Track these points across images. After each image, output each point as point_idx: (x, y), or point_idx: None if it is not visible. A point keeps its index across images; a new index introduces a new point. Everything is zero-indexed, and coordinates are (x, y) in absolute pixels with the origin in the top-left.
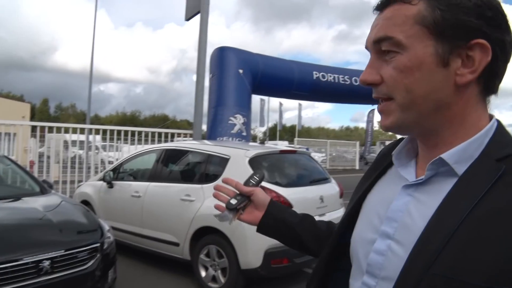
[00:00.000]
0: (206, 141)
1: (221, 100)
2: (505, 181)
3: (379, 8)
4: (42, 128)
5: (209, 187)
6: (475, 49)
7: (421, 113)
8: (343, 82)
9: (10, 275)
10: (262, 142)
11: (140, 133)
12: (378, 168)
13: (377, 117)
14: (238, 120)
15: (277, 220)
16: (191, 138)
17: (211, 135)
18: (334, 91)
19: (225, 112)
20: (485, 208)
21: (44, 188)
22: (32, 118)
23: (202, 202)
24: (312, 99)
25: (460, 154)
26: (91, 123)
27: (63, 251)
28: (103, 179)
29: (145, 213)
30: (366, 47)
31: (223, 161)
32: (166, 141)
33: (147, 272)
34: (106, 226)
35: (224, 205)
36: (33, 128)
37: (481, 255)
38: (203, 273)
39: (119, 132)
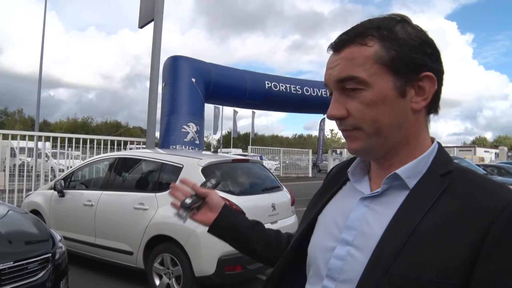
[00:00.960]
0: (159, 150)
1: (174, 108)
2: (448, 194)
3: (336, 49)
4: None
5: (162, 196)
6: (425, 80)
7: (387, 138)
8: (294, 91)
9: None
10: (215, 150)
11: (92, 140)
12: (334, 185)
13: (328, 125)
14: (191, 129)
15: (230, 224)
16: (144, 146)
17: (164, 143)
18: (286, 100)
19: (178, 121)
20: (435, 216)
21: None
22: None
23: (156, 210)
24: (265, 108)
25: (412, 170)
26: (40, 129)
27: (11, 262)
28: (53, 187)
29: (97, 222)
30: (326, 84)
31: (176, 170)
32: (119, 149)
33: (101, 282)
34: (57, 236)
35: (179, 203)
36: None
37: (432, 256)
38: (157, 282)
39: (70, 139)
